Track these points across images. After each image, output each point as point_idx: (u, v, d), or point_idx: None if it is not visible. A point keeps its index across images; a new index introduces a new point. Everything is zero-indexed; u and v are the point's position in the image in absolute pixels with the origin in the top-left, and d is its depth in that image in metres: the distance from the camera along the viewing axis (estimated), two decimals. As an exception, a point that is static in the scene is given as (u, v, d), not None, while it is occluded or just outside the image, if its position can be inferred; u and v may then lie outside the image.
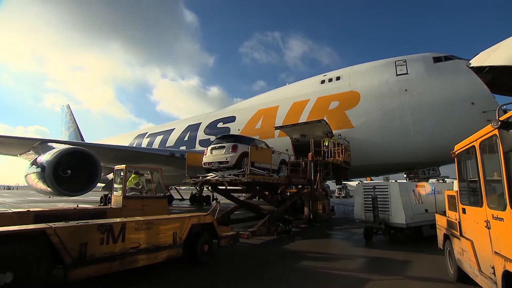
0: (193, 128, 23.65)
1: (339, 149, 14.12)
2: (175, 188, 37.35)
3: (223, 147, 10.73)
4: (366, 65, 17.42)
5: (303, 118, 17.15)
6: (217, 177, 10.37)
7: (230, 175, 10.16)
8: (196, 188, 35.04)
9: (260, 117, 19.73)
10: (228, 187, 10.77)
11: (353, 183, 53.07)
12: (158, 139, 26.07)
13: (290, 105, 18.77)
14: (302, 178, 13.16)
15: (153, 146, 25.64)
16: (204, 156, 11.27)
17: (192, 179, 11.31)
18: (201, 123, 23.53)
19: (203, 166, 11.17)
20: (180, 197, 37.31)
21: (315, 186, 13.29)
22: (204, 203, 32.86)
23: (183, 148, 22.22)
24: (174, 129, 25.71)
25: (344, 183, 53.52)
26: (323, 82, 18.58)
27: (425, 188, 10.35)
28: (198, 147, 21.38)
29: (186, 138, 23.20)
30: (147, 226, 5.96)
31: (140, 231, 5.84)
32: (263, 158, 10.66)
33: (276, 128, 16.85)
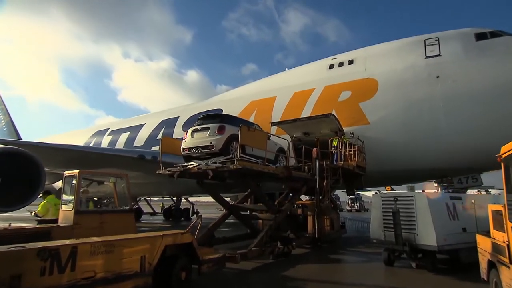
0: (169, 123, 23.66)
1: (351, 151, 14.19)
2: (144, 199, 37.41)
3: (207, 128, 10.91)
4: (386, 45, 17.57)
5: (306, 112, 17.22)
6: (199, 166, 10.47)
7: (215, 162, 10.26)
8: (171, 199, 35.93)
9: (252, 110, 19.81)
10: (214, 181, 10.96)
11: (369, 194, 54.19)
12: (123, 137, 26.08)
13: (290, 96, 18.88)
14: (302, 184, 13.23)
15: (116, 146, 25.60)
16: (183, 140, 11.40)
17: (168, 169, 11.44)
18: (178, 117, 23.60)
19: (182, 153, 11.33)
20: (151, 211, 37.20)
21: (321, 196, 13.35)
22: (182, 218, 32.90)
23: (155, 148, 22.11)
24: (144, 124, 25.76)
25: (357, 194, 54.37)
26: (331, 67, 18.71)
27: (463, 201, 10.30)
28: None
29: (159, 136, 22.99)
30: (107, 249, 5.83)
31: (97, 255, 5.68)
32: (256, 141, 10.82)
33: (273, 124, 16.83)
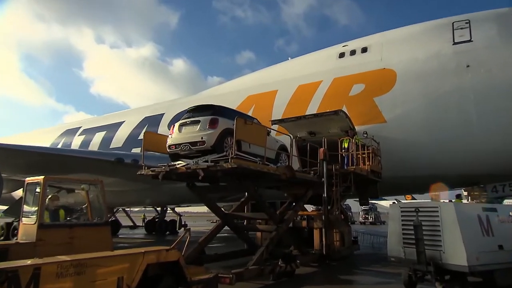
0: (152, 121, 23.69)
1: (364, 154, 14.24)
2: (123, 210, 37.37)
3: (197, 122, 10.93)
4: (406, 30, 17.63)
5: (312, 109, 17.25)
6: (188, 165, 10.48)
7: (206, 161, 10.24)
8: (155, 209, 35.84)
9: (250, 106, 19.85)
10: (205, 183, 11.04)
11: (386, 203, 54.17)
12: (98, 137, 26.04)
13: (294, 90, 18.93)
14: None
15: (90, 148, 25.58)
16: (170, 136, 11.42)
17: (152, 169, 11.45)
18: (163, 114, 23.62)
19: (168, 150, 11.34)
20: (131, 224, 37.09)
21: (329, 206, 13.37)
22: (168, 232, 32.88)
23: (136, 150, 22.09)
24: (123, 122, 25.74)
25: (372, 203, 54.47)
26: (341, 55, 18.76)
27: (499, 212, 10.22)
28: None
29: (141, 136, 23.05)
30: (77, 269, 5.73)
31: (65, 278, 5.57)
32: (254, 137, 10.81)
33: (274, 122, 16.77)
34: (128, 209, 38.11)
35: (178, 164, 10.83)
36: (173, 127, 11.46)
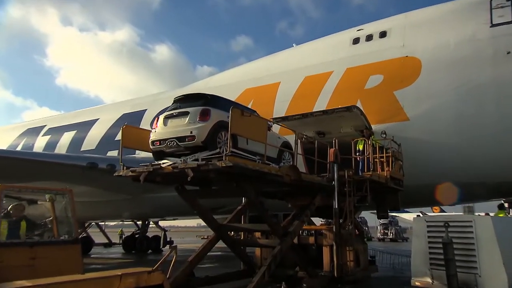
0: (132, 119, 23.61)
1: (382, 157, 14.25)
2: (96, 225, 37.53)
3: (186, 113, 10.93)
4: (433, 10, 17.65)
5: (321, 105, 17.30)
6: (175, 164, 10.42)
7: (197, 159, 10.20)
8: (135, 223, 35.77)
9: (247, 101, 19.69)
10: (196, 186, 11.00)
11: (409, 216, 54.22)
12: (67, 137, 26.09)
13: (299, 82, 19.01)
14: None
15: (56, 150, 25.60)
16: (153, 130, 11.42)
17: (131, 169, 11.42)
18: (145, 111, 23.76)
19: (152, 147, 11.32)
20: (106, 241, 37.04)
21: (341, 220, 13.33)
22: (150, 251, 32.99)
23: (113, 154, 22.18)
24: (96, 120, 25.82)
25: (392, 216, 54.45)
26: (356, 41, 18.84)
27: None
28: (142, 153, 21.35)
29: (119, 137, 23.08)
30: None
31: None
32: (253, 131, 10.76)
33: (275, 120, 16.63)
34: (103, 223, 38.14)
35: (163, 163, 10.77)
36: (157, 119, 11.43)
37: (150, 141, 11.27)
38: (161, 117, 11.34)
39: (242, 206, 14.31)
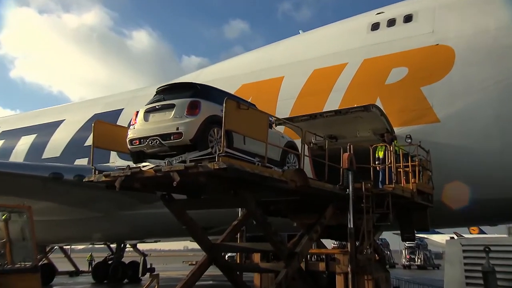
0: (106, 120, 23.29)
1: (407, 167, 14.23)
2: (61, 249, 37.42)
3: (171, 106, 10.92)
4: None
5: (333, 104, 17.33)
6: (158, 166, 10.38)
7: (184, 161, 10.12)
8: (107, 247, 35.59)
9: (245, 98, 19.73)
10: (180, 194, 11.04)
11: (440, 238, 53.70)
12: (25, 142, 26.14)
13: (307, 77, 19.11)
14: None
15: (12, 158, 25.60)
16: (132, 127, 11.40)
17: (105, 173, 11.33)
18: (122, 110, 23.85)
19: (130, 147, 11.25)
20: (73, 269, 36.88)
21: (357, 242, 13.27)
22: (126, 280, 32.83)
23: (81, 162, 22.24)
24: (61, 122, 25.85)
25: (420, 238, 53.95)
26: (375, 27, 18.94)
27: None
28: (118, 161, 21.03)
29: (89, 142, 22.92)
30: None
31: None
32: (251, 128, 10.72)
33: (278, 121, 16.56)
34: (68, 247, 37.96)
35: (144, 166, 10.75)
36: (137, 114, 11.41)
37: (127, 140, 11.21)
38: (141, 111, 11.31)
39: (238, 221, 14.13)
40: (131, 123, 11.48)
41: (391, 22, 18.35)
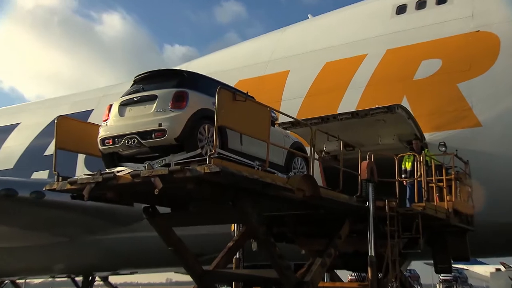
0: (72, 124, 23.70)
1: (440, 181, 14.24)
2: (12, 284, 37.53)
3: (152, 98, 10.92)
4: None
5: (349, 104, 17.35)
6: (136, 171, 10.14)
7: (168, 164, 10.02)
8: (72, 280, 35.55)
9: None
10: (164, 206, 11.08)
11: (483, 270, 53.70)
12: None
13: (318, 71, 19.16)
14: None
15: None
16: (104, 123, 11.41)
17: (69, 180, 11.14)
18: (92, 111, 23.99)
19: (101, 148, 11.25)
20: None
21: (380, 274, 13.20)
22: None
23: (40, 175, 22.30)
24: (15, 126, 26.02)
25: (458, 269, 54.05)
26: (401, 10, 18.94)
27: None
28: (85, 172, 21.31)
29: (50, 151, 22.83)
30: None
31: None
32: (249, 124, 10.61)
33: (283, 125, 16.68)
34: (22, 281, 37.94)
35: (119, 170, 10.54)
36: (110, 108, 11.40)
37: (99, 139, 11.16)
38: (116, 104, 11.28)
39: (235, 241, 13.99)
40: (104, 119, 11.41)
41: (421, 4, 18.34)
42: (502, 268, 32.36)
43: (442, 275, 48.05)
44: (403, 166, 14.88)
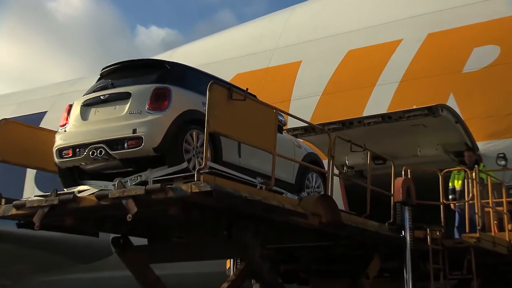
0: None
1: (500, 205, 14.27)
2: None
3: (124, 97, 10.93)
4: None
5: (378, 104, 17.47)
6: (102, 192, 9.91)
7: (145, 181, 9.81)
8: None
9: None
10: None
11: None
12: None
13: (338, 62, 19.18)
14: None
15: None
16: (62, 129, 11.39)
17: (15, 203, 10.92)
18: (45, 113, 24.25)
19: (58, 161, 11.18)
20: None
21: None
22: None
23: None
24: None
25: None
26: None
27: None
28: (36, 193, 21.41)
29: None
30: None
31: None
32: (250, 129, 10.39)
33: (294, 132, 16.68)
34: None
35: (81, 190, 10.36)
36: (69, 109, 11.35)
37: (55, 150, 11.03)
38: (77, 104, 11.21)
39: (231, 282, 13.64)
40: (61, 124, 11.33)
41: (473, -25, 18.29)
42: None
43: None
44: (450, 185, 14.80)
